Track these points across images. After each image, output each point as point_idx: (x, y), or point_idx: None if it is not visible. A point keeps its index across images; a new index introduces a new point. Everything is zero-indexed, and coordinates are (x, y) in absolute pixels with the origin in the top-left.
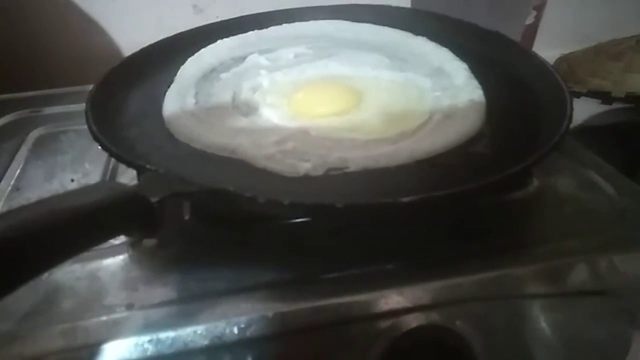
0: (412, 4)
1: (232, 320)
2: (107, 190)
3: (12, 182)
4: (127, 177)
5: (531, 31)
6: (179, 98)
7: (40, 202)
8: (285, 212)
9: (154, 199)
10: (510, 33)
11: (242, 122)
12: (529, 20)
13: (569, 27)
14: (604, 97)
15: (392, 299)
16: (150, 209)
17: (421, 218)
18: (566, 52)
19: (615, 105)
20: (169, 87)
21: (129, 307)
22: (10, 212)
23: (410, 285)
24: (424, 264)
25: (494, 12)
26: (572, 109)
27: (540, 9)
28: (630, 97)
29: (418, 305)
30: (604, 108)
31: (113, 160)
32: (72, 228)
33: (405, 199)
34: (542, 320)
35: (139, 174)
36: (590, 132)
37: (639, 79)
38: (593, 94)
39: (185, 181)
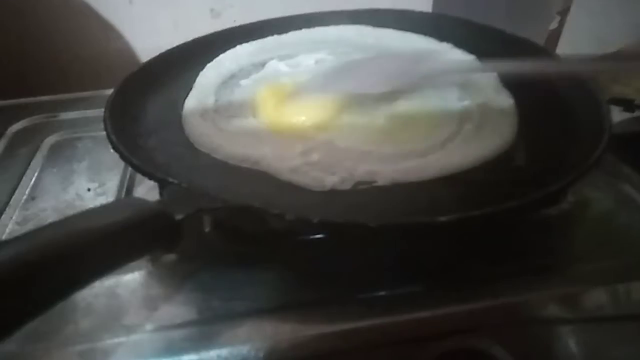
0: (433, 8)
1: (256, 344)
2: (129, 208)
3: (28, 191)
4: (145, 186)
5: (554, 36)
6: (198, 106)
7: (61, 223)
8: (313, 229)
9: (178, 217)
10: (533, 38)
11: (265, 131)
12: (553, 25)
13: (590, 33)
14: (627, 104)
15: (424, 322)
16: (174, 226)
17: (453, 237)
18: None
19: (638, 113)
20: (187, 93)
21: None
22: (29, 234)
23: (443, 308)
24: (455, 286)
25: (515, 17)
26: (610, 121)
27: (564, 14)
28: None
29: (452, 329)
30: (625, 116)
31: (130, 168)
32: (94, 251)
33: (443, 218)
34: (576, 346)
35: (161, 187)
36: (612, 140)
37: None
38: (615, 101)
39: (210, 197)
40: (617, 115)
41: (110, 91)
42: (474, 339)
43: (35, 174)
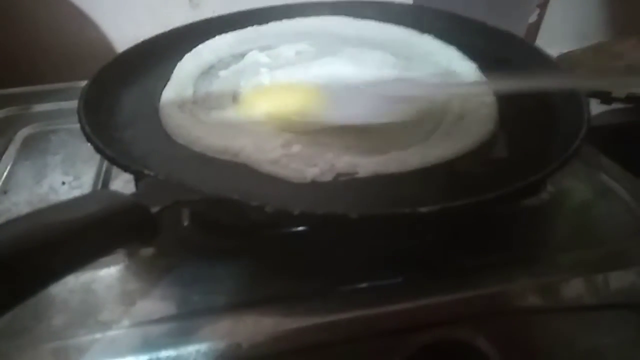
0: (415, 0)
1: (236, 338)
2: (103, 200)
3: (0, 185)
4: (122, 179)
5: (534, 29)
6: (176, 97)
7: (32, 215)
8: (294, 222)
9: (154, 209)
10: (513, 30)
11: (244, 123)
12: (532, 18)
13: (569, 25)
14: (604, 96)
15: (407, 314)
16: (150, 219)
17: (435, 228)
18: (565, 50)
19: (615, 106)
20: (165, 85)
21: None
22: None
23: (426, 299)
24: (437, 277)
25: (495, 10)
26: (589, 113)
27: (543, 6)
28: (630, 98)
29: (435, 320)
30: (603, 108)
31: (106, 161)
32: (67, 244)
33: (424, 209)
34: (556, 334)
35: (136, 180)
36: (590, 132)
37: None
38: (593, 93)
39: (187, 188)
40: (595, 107)
41: (85, 83)
42: (457, 330)
43: (8, 168)
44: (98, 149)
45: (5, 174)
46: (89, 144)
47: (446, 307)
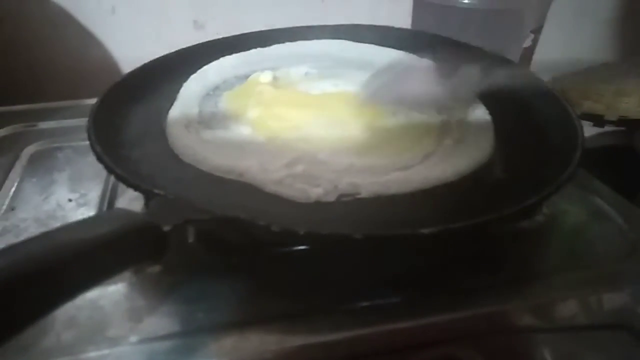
0: (412, 25)
1: (241, 355)
2: (117, 219)
3: (7, 201)
4: (128, 197)
5: (528, 54)
6: (182, 117)
7: (45, 236)
8: (298, 241)
9: (166, 228)
10: (508, 55)
11: (249, 142)
12: (526, 43)
13: (562, 50)
14: (597, 119)
15: (406, 332)
16: (160, 237)
17: (434, 248)
18: (558, 74)
19: (607, 128)
20: (171, 105)
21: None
22: (11, 247)
23: (425, 318)
24: (435, 296)
25: (490, 35)
26: (583, 137)
27: (537, 32)
28: (622, 121)
29: (433, 339)
30: (595, 130)
31: (112, 179)
32: (82, 263)
33: (425, 230)
34: (551, 354)
35: (147, 199)
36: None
37: (631, 103)
38: (585, 116)
39: (196, 208)
40: (588, 130)
41: (90, 101)
42: (456, 349)
43: (15, 184)
44: (108, 168)
45: (12, 190)
46: (94, 161)
47: (445, 326)
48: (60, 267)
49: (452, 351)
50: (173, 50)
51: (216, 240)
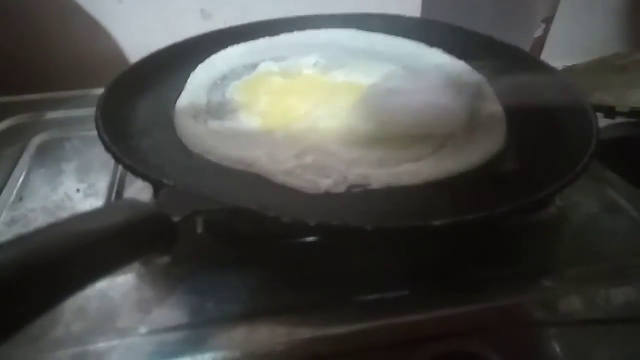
0: (422, 14)
1: (251, 347)
2: (127, 210)
3: (15, 191)
4: (136, 187)
5: (539, 44)
6: (190, 107)
7: (57, 225)
8: (309, 232)
9: (176, 218)
10: (518, 45)
11: (258, 133)
12: (538, 33)
13: (574, 40)
14: (608, 111)
15: (417, 326)
16: (171, 228)
17: (445, 240)
18: (569, 64)
19: (619, 120)
20: (179, 94)
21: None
22: (22, 238)
23: (436, 311)
24: (447, 289)
25: (501, 24)
26: (598, 128)
27: (549, 21)
28: (633, 112)
29: (445, 332)
30: (607, 122)
31: (120, 169)
32: (92, 255)
33: (437, 222)
34: (564, 348)
35: (156, 189)
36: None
37: None
38: (596, 107)
39: (206, 199)
40: (599, 121)
41: (97, 91)
42: (467, 342)
43: (23, 174)
44: (117, 158)
45: (21, 180)
46: (102, 152)
47: (456, 319)
48: (72, 258)
49: (463, 344)
50: (180, 39)
51: (225, 232)
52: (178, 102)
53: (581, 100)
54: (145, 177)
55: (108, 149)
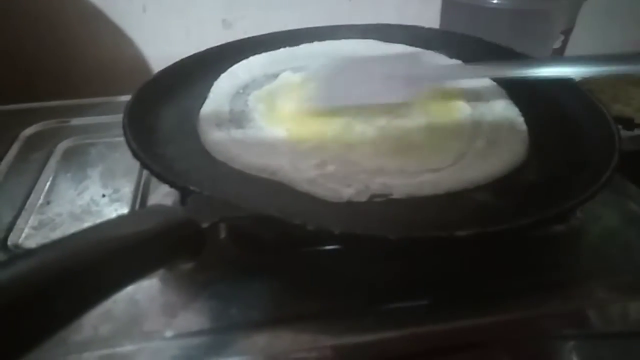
0: (440, 25)
1: (273, 353)
2: (158, 216)
3: (42, 195)
4: (160, 193)
5: (558, 55)
6: (213, 115)
7: (91, 230)
8: (332, 240)
9: (204, 224)
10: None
11: (280, 141)
12: (556, 44)
13: (593, 52)
14: (626, 123)
15: (436, 336)
16: (199, 234)
17: (466, 251)
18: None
19: (637, 132)
20: (202, 103)
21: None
22: (58, 241)
23: (455, 322)
24: (466, 300)
25: (519, 35)
26: (620, 140)
27: (567, 33)
28: None
29: (463, 342)
30: (625, 134)
31: (144, 175)
32: (124, 259)
33: (461, 233)
34: None
35: (183, 196)
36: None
37: None
38: (615, 119)
39: (232, 205)
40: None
41: (121, 98)
42: (488, 353)
43: (50, 179)
44: (145, 165)
45: (47, 184)
46: (126, 158)
47: (475, 329)
48: (106, 262)
49: (482, 355)
50: (202, 48)
51: (249, 238)
52: (201, 110)
53: (602, 111)
54: (172, 184)
55: (136, 156)
